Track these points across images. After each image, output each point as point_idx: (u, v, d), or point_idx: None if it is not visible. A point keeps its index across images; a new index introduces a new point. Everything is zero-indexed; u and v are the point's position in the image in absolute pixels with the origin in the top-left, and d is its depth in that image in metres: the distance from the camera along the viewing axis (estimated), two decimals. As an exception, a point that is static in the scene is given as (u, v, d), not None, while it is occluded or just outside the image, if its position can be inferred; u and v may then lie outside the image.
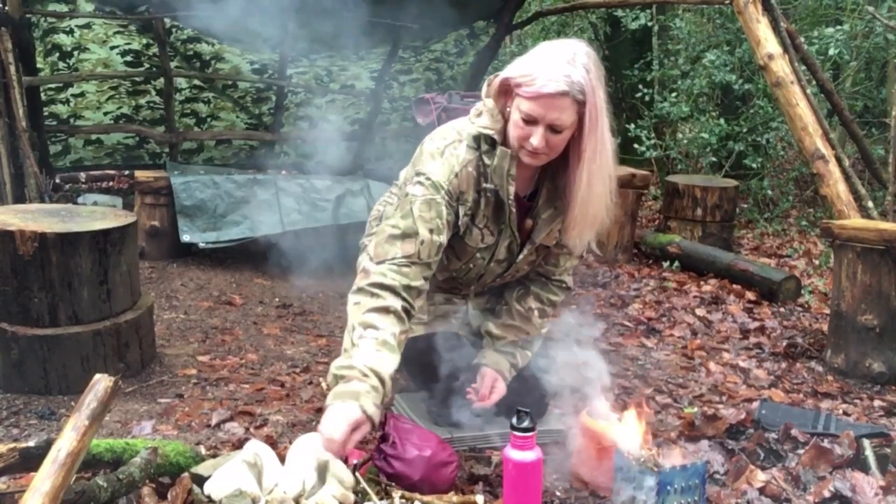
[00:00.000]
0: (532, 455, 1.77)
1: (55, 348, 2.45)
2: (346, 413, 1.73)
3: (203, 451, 2.02)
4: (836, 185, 3.48)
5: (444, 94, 5.03)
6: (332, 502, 1.61)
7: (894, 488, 1.95)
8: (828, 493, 1.95)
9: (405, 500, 1.74)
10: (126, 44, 4.55)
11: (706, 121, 6.38)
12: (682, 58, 6.78)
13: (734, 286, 4.18)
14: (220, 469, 1.74)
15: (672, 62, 6.99)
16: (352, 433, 1.72)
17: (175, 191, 4.09)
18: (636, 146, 6.04)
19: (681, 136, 6.98)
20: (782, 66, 3.77)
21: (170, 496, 1.75)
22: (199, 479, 1.75)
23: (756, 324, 3.62)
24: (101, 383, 1.55)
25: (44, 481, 1.40)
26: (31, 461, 1.62)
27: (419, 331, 2.31)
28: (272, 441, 2.12)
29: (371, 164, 5.21)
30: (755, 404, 2.54)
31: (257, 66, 4.97)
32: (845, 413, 2.63)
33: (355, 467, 1.77)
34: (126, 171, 5.12)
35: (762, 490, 1.97)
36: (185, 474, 1.80)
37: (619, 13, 6.69)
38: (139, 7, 4.35)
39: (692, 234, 4.97)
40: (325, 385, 2.64)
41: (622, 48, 7.51)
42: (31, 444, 1.64)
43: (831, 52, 5.40)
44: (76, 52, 4.46)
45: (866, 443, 2.16)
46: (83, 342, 2.49)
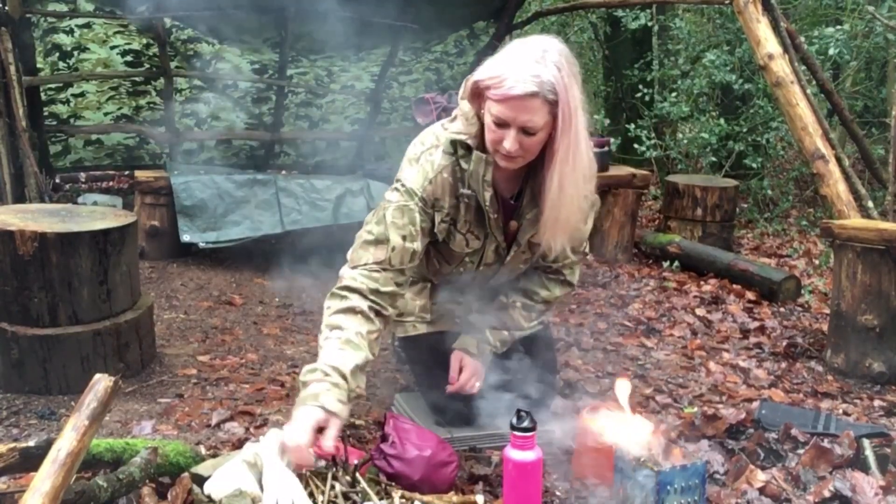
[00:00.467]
0: (532, 455, 1.77)
1: (55, 348, 2.45)
2: (307, 417, 1.70)
3: (203, 451, 2.03)
4: (836, 185, 3.48)
5: (444, 94, 5.04)
6: None
7: (894, 488, 1.95)
8: (828, 493, 1.95)
9: (405, 500, 1.74)
10: (126, 44, 4.55)
11: (706, 121, 6.38)
12: (682, 58, 6.78)
13: (734, 286, 4.18)
14: (220, 469, 1.74)
15: (672, 62, 6.99)
16: (317, 434, 1.70)
17: (175, 191, 4.08)
18: (636, 146, 6.04)
19: (681, 136, 6.97)
20: (782, 66, 3.76)
21: (170, 496, 1.75)
22: (199, 479, 1.75)
23: (756, 324, 3.62)
24: (101, 383, 1.55)
25: (44, 481, 1.40)
26: (31, 461, 1.62)
27: (422, 329, 2.31)
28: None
29: (371, 164, 5.21)
30: (755, 404, 2.54)
31: (257, 66, 4.97)
32: (845, 413, 2.63)
33: (355, 467, 1.77)
34: (126, 171, 5.13)
35: (762, 490, 1.97)
36: (185, 474, 1.80)
37: (619, 13, 6.69)
38: (139, 7, 4.36)
39: (692, 233, 4.97)
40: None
41: (622, 48, 7.51)
42: (31, 444, 1.64)
43: (831, 52, 5.40)
44: (76, 52, 4.46)
45: (866, 443, 2.16)
46: (83, 342, 2.49)
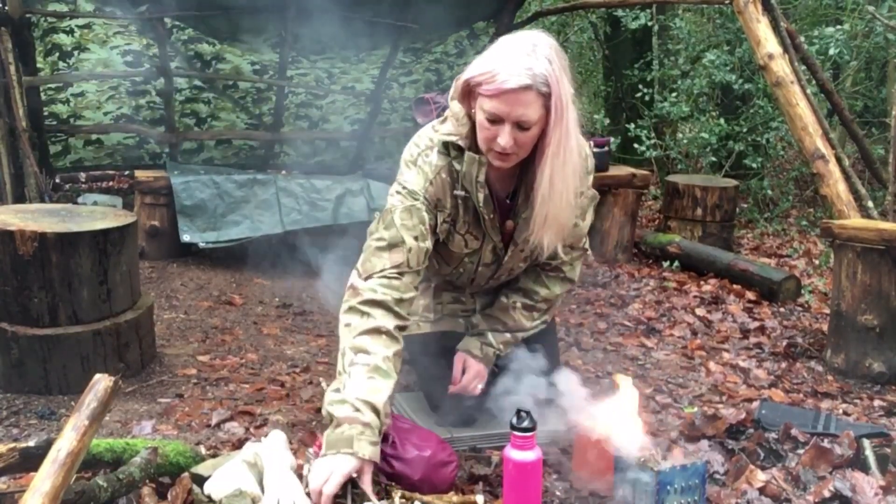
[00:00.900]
0: (532, 455, 1.77)
1: (55, 348, 2.45)
2: (341, 467, 1.67)
3: (203, 451, 2.03)
4: (836, 185, 3.48)
5: (444, 94, 5.04)
6: None
7: (894, 488, 1.95)
8: (828, 493, 1.95)
9: (405, 500, 1.74)
10: (126, 44, 4.55)
11: (706, 121, 6.37)
12: (682, 58, 6.78)
13: (734, 286, 4.18)
14: (220, 469, 1.74)
15: (672, 62, 6.99)
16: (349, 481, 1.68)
17: (175, 191, 4.08)
18: (636, 146, 6.04)
19: (681, 136, 6.97)
20: (782, 66, 3.76)
21: (170, 496, 1.75)
22: (199, 479, 1.76)
23: (756, 324, 3.62)
24: (101, 383, 1.55)
25: (44, 481, 1.40)
26: (31, 461, 1.62)
27: (425, 328, 2.31)
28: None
29: (371, 164, 5.21)
30: (755, 404, 2.54)
31: (258, 66, 4.98)
32: (845, 413, 2.63)
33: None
34: (126, 171, 5.13)
35: (762, 490, 1.97)
36: (185, 474, 1.80)
37: (619, 13, 6.68)
38: (140, 6, 4.36)
39: (692, 233, 4.97)
40: (324, 385, 2.64)
41: (622, 48, 7.51)
42: (31, 444, 1.64)
43: (831, 52, 5.40)
44: (76, 52, 4.46)
45: (866, 443, 2.16)
46: (83, 342, 2.49)
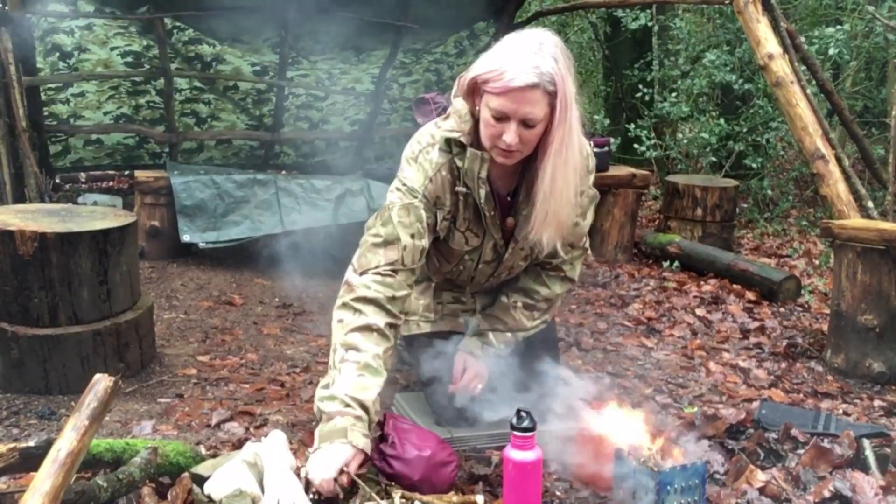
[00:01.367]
0: (532, 455, 1.77)
1: (55, 348, 2.45)
2: (337, 455, 1.71)
3: (203, 451, 2.03)
4: (836, 185, 3.48)
5: (444, 94, 5.04)
6: None
7: (894, 488, 1.95)
8: (828, 493, 1.95)
9: (405, 500, 1.74)
10: (126, 45, 4.55)
11: (706, 121, 6.37)
12: (682, 58, 6.78)
13: (734, 286, 4.18)
14: (220, 469, 1.74)
15: (672, 62, 6.98)
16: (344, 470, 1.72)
17: (175, 191, 4.08)
18: (636, 146, 6.04)
19: (681, 136, 6.97)
20: (782, 66, 3.76)
21: (170, 496, 1.75)
22: (199, 479, 1.76)
23: (756, 324, 3.62)
24: (101, 383, 1.55)
25: (44, 481, 1.40)
26: (31, 461, 1.62)
27: (425, 328, 2.31)
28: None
29: (371, 164, 5.21)
30: (755, 404, 2.54)
31: (258, 67, 4.98)
32: (845, 413, 2.63)
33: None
34: (126, 171, 5.12)
35: (762, 490, 1.97)
36: (185, 474, 1.80)
37: (619, 13, 6.68)
38: (140, 7, 4.36)
39: (692, 234, 4.97)
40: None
41: (622, 48, 7.50)
42: (31, 444, 1.64)
43: (831, 52, 5.40)
44: (76, 52, 4.46)
45: (866, 443, 2.16)
46: (83, 342, 2.49)
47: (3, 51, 3.96)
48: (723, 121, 6.14)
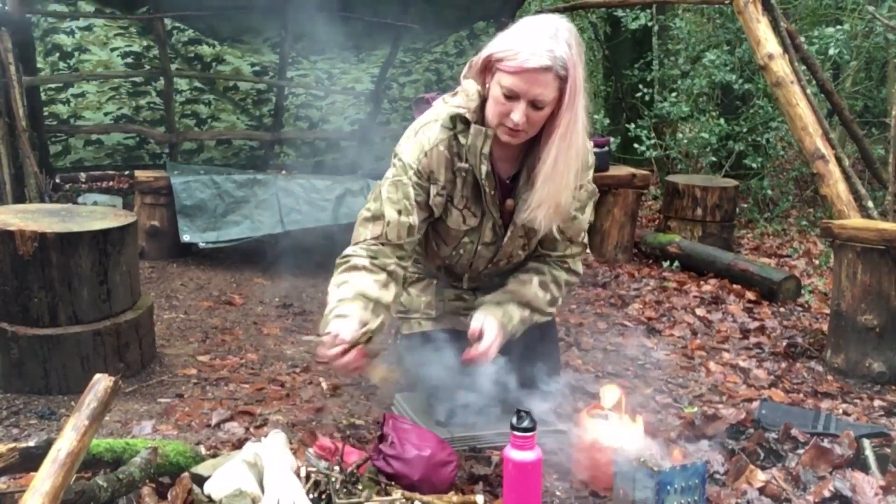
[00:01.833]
0: (532, 455, 1.77)
1: (55, 348, 2.45)
2: (353, 316, 1.91)
3: (203, 451, 2.02)
4: (836, 185, 3.48)
5: (444, 94, 5.03)
6: None
7: (894, 488, 1.95)
8: (828, 493, 1.95)
9: (405, 500, 1.74)
10: (126, 45, 4.55)
11: (706, 121, 6.37)
12: (682, 58, 6.78)
13: (734, 286, 4.18)
14: (220, 469, 1.74)
15: (672, 62, 6.99)
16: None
17: (175, 191, 4.08)
18: (636, 146, 6.04)
19: (681, 135, 6.97)
20: (782, 66, 3.76)
21: (170, 496, 1.75)
22: (199, 479, 1.76)
23: (756, 324, 3.62)
24: (101, 383, 1.55)
25: (44, 481, 1.40)
26: (31, 461, 1.62)
27: (427, 326, 2.31)
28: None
29: (371, 164, 5.20)
30: (755, 404, 2.54)
31: (258, 68, 4.98)
32: (845, 413, 2.63)
33: (356, 467, 1.77)
34: (126, 171, 5.13)
35: (762, 490, 1.97)
36: (185, 474, 1.80)
37: (619, 13, 6.68)
38: (140, 7, 4.36)
39: (692, 234, 4.97)
40: (324, 385, 2.64)
41: (622, 48, 7.51)
42: (31, 444, 1.64)
43: (831, 52, 5.40)
44: (77, 53, 4.46)
45: (866, 443, 2.16)
46: (83, 342, 2.49)
47: (3, 51, 3.96)
48: (723, 121, 6.14)
